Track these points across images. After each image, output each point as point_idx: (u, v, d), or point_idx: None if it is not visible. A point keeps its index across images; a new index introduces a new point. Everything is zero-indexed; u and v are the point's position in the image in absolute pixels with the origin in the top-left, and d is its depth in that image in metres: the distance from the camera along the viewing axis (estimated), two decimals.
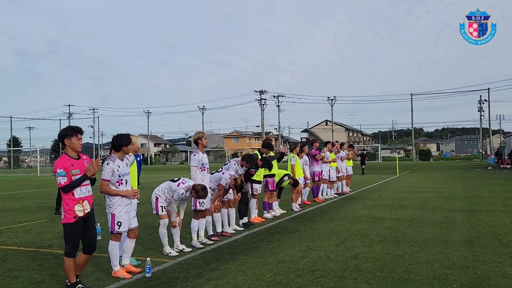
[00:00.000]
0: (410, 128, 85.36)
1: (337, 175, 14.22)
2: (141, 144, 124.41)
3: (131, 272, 5.33)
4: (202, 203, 6.84)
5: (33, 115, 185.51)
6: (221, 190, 7.32)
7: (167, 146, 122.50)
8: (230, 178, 7.33)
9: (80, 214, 4.58)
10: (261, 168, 8.87)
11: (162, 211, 6.20)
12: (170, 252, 6.24)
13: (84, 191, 4.63)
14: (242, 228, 8.22)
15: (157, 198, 6.22)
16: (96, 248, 4.83)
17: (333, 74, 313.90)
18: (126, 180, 5.23)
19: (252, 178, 8.81)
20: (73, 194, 4.56)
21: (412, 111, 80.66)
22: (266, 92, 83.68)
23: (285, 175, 10.09)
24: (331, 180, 13.72)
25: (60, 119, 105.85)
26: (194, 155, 6.96)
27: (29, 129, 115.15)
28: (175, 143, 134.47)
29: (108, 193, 5.15)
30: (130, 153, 5.52)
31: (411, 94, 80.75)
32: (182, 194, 6.13)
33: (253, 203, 9.12)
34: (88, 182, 4.71)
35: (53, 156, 56.00)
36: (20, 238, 7.80)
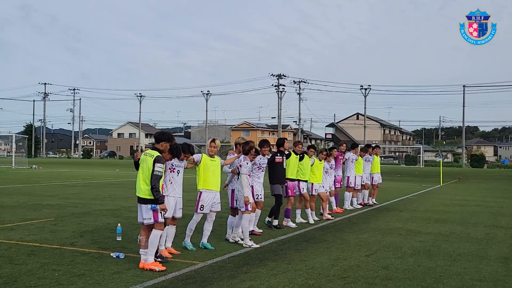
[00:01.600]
0: (461, 126, 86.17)
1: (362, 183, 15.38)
2: (130, 134, 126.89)
3: (171, 254, 7.65)
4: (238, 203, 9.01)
5: (0, 93, 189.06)
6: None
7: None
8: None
9: None
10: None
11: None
12: (252, 244, 8.65)
13: None
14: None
15: (232, 191, 8.68)
16: None
17: (367, 57, 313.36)
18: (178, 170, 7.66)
19: (299, 179, 11.23)
20: None
21: (464, 105, 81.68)
22: (285, 76, 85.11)
23: None
24: (356, 188, 15.02)
25: (34, 100, 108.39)
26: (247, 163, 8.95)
27: None
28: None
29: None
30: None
31: (464, 86, 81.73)
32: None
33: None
34: None
35: (20, 144, 57.53)
36: (37, 236, 9.32)
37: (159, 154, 7.03)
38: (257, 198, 9.78)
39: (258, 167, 9.83)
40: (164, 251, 7.67)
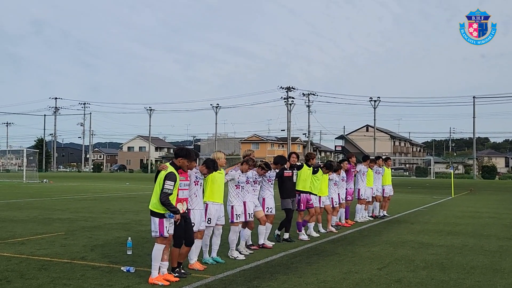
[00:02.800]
0: (472, 138, 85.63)
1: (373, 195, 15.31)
2: (140, 148, 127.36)
3: (195, 269, 7.75)
4: (251, 215, 9.11)
5: (12, 108, 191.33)
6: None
7: (171, 150, 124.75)
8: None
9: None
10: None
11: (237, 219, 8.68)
12: (237, 256, 8.62)
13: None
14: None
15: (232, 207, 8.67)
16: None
17: (376, 69, 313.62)
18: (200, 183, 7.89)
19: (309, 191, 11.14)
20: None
21: (474, 117, 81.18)
22: (294, 89, 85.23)
23: None
24: (367, 200, 14.89)
25: (45, 115, 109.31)
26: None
27: (7, 125, 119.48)
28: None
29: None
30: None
31: (474, 97, 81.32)
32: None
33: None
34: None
35: (31, 158, 57.93)
36: (47, 250, 9.33)
37: (172, 171, 7.01)
38: (267, 212, 9.78)
39: (268, 179, 9.89)
40: (196, 264, 7.85)
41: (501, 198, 27.72)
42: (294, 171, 10.75)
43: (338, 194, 12.94)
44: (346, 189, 13.66)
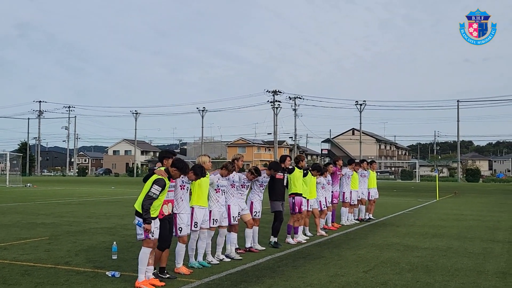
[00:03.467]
0: (456, 141, 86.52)
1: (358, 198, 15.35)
2: (126, 152, 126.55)
3: (181, 273, 7.67)
4: (236, 218, 9.12)
5: None
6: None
7: (157, 154, 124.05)
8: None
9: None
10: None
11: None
12: (211, 261, 8.53)
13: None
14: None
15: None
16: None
17: (362, 73, 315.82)
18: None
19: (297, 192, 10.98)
20: None
21: (458, 120, 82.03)
22: (280, 92, 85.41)
23: None
24: (352, 203, 14.97)
25: (28, 118, 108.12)
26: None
27: None
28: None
29: None
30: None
31: (458, 101, 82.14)
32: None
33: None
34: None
35: (14, 162, 57.25)
36: (31, 255, 9.21)
37: (160, 177, 6.94)
38: (255, 216, 9.81)
39: (260, 184, 9.92)
40: (182, 268, 7.81)
41: (484, 200, 28.01)
42: (285, 174, 10.78)
43: (325, 197, 12.98)
44: (332, 192, 13.71)
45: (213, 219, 8.56)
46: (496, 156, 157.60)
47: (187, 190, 7.89)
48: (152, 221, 6.88)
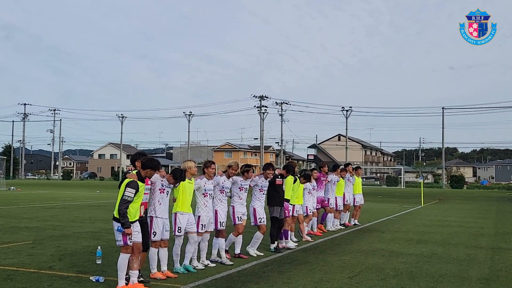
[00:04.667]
0: (441, 148, 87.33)
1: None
2: (111, 155, 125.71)
3: (156, 278, 7.64)
4: (223, 223, 8.99)
5: None
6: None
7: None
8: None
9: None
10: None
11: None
12: (197, 266, 8.47)
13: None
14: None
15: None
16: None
17: (349, 79, 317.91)
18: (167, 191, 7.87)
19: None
20: None
21: (443, 127, 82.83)
22: (267, 98, 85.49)
23: None
24: (338, 209, 15.02)
25: (13, 121, 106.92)
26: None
27: None
28: (153, 155, 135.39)
29: None
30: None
31: (443, 108, 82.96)
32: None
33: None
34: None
35: None
36: (14, 259, 9.10)
37: (132, 180, 6.91)
38: (259, 222, 9.90)
39: (259, 189, 9.92)
40: (157, 274, 7.75)
41: (468, 207, 28.28)
42: (283, 180, 10.87)
43: (311, 203, 13.01)
44: (317, 197, 13.76)
45: (201, 224, 8.53)
46: (480, 163, 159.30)
47: (167, 194, 7.85)
48: (132, 225, 6.85)
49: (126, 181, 6.89)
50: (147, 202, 7.47)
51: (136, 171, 7.20)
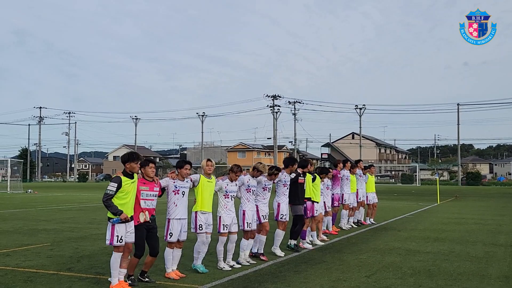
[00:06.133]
0: (456, 144, 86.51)
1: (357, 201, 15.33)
2: None
3: (170, 278, 7.72)
4: (249, 224, 8.92)
5: None
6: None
7: (157, 159, 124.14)
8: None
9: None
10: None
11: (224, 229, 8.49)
12: (224, 267, 8.43)
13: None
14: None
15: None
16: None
17: (361, 78, 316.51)
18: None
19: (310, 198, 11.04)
20: None
21: (458, 124, 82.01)
22: (280, 97, 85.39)
23: None
24: (351, 206, 14.92)
25: (29, 124, 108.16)
26: None
27: None
28: (167, 156, 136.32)
29: None
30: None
31: (458, 104, 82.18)
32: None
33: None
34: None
35: (15, 168, 57.32)
36: (33, 261, 9.21)
37: (116, 176, 7.05)
38: (281, 218, 9.98)
39: (283, 184, 9.98)
40: (172, 274, 7.83)
41: (486, 204, 27.99)
42: (305, 178, 10.90)
43: (324, 201, 12.96)
44: (333, 194, 13.72)
45: (223, 225, 8.51)
46: (496, 159, 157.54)
47: (183, 194, 7.86)
48: (124, 225, 6.91)
49: (114, 176, 7.13)
50: (154, 208, 7.45)
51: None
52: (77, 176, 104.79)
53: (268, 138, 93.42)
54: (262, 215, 9.45)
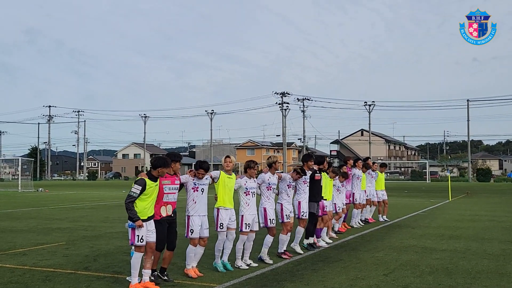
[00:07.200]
0: (466, 141, 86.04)
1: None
2: (135, 155, 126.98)
3: (188, 275, 7.75)
4: (272, 221, 8.90)
5: (5, 117, 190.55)
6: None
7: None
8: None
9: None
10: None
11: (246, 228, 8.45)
12: (241, 265, 8.42)
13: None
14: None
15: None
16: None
17: (370, 74, 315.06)
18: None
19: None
20: None
21: (468, 120, 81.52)
22: (288, 94, 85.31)
23: None
24: (361, 203, 14.85)
25: (38, 123, 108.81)
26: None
27: (0, 134, 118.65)
28: None
29: None
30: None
31: (468, 100, 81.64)
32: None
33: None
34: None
35: (25, 167, 57.67)
36: (50, 261, 9.24)
37: (140, 178, 7.08)
38: (302, 216, 10.05)
39: (303, 181, 9.96)
40: (190, 271, 7.83)
41: (497, 200, 27.80)
42: (321, 175, 10.85)
43: (338, 200, 12.90)
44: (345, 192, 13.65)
45: (245, 224, 8.46)
46: (506, 156, 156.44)
47: (202, 191, 7.87)
48: (145, 224, 6.93)
49: (136, 179, 7.14)
50: (175, 202, 7.54)
51: (148, 171, 7.33)
52: (87, 174, 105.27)
53: (277, 135, 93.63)
54: (286, 214, 9.41)
